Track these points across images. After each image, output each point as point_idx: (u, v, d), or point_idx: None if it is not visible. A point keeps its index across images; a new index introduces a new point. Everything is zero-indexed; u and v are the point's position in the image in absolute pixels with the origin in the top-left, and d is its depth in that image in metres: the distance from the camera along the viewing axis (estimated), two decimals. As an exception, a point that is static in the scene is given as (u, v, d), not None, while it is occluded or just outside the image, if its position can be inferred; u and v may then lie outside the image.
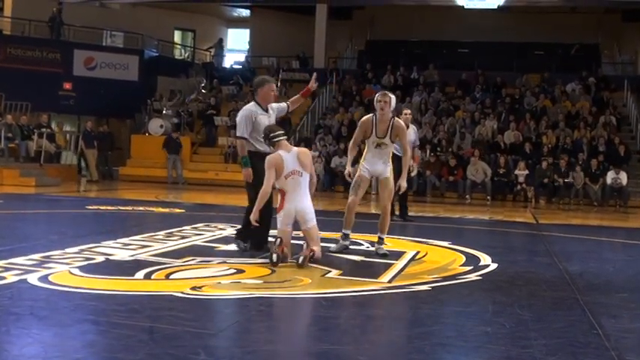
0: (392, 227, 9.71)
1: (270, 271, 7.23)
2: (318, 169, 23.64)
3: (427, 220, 14.74)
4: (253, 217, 7.71)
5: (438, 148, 25.62)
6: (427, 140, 25.73)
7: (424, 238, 10.34)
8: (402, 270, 7.87)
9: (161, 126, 28.55)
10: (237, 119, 8.34)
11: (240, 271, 7.17)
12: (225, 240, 9.46)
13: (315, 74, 9.36)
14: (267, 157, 7.63)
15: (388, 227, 9.00)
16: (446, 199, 23.10)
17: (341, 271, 7.48)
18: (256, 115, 8.32)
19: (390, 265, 8.11)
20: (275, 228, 8.04)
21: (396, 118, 8.97)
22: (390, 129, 8.90)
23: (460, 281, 7.30)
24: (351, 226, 9.04)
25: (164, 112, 29.67)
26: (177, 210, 14.32)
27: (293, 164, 7.62)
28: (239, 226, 8.62)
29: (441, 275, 7.55)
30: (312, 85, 8.92)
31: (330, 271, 7.44)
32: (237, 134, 8.30)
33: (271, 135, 7.82)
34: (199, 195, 20.38)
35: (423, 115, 28.35)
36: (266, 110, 8.41)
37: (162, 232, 10.14)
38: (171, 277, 6.73)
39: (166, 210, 14.35)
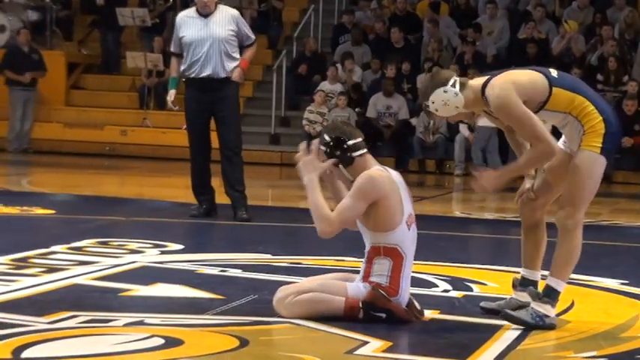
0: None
1: (237, 342, 4.70)
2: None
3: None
4: None
5: (600, 77, 14.09)
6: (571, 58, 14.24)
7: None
8: (518, 339, 4.96)
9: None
10: None
11: (173, 343, 4.71)
12: (144, 274, 6.59)
13: None
14: (367, 175, 5.24)
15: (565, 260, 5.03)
16: (621, 186, 14.20)
17: (389, 343, 4.78)
18: None
19: (497, 327, 5.15)
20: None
21: None
22: None
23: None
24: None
25: None
26: (38, 210, 9.53)
27: (408, 199, 5.36)
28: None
29: (604, 353, 4.80)
30: None
31: (368, 342, 4.76)
32: None
33: (351, 144, 5.29)
34: (85, 178, 13.63)
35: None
36: None
37: (3, 259, 6.70)
38: (23, 354, 4.44)
39: (14, 210, 9.48)
